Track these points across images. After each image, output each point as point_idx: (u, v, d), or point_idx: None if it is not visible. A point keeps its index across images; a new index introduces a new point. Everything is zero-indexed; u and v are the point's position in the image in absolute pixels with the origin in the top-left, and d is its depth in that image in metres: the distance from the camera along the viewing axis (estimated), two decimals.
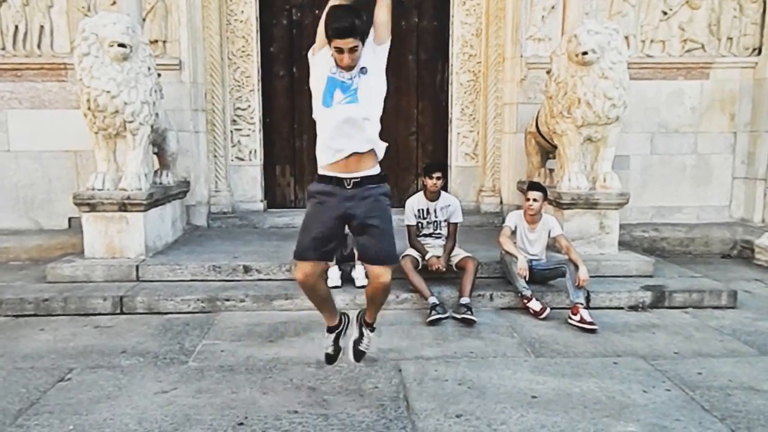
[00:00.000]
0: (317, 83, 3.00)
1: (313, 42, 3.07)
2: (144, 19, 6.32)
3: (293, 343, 4.10)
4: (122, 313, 4.70)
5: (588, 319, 4.38)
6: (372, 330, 3.44)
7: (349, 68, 2.89)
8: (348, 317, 3.45)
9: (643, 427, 2.96)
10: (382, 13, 2.96)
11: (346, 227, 3.09)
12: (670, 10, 6.86)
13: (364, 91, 2.91)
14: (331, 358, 3.38)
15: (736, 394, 3.33)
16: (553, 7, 6.57)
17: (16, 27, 6.53)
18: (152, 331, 4.33)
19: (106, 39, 4.99)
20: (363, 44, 2.87)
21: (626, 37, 6.70)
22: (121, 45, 5.00)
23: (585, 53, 5.16)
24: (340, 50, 2.81)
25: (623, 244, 6.10)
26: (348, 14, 2.79)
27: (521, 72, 6.73)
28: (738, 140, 7.09)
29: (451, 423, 2.99)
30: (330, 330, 3.35)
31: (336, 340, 3.36)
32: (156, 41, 6.53)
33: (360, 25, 2.80)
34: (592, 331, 4.31)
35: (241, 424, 2.97)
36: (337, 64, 2.90)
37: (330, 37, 2.82)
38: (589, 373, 3.61)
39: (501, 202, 7.24)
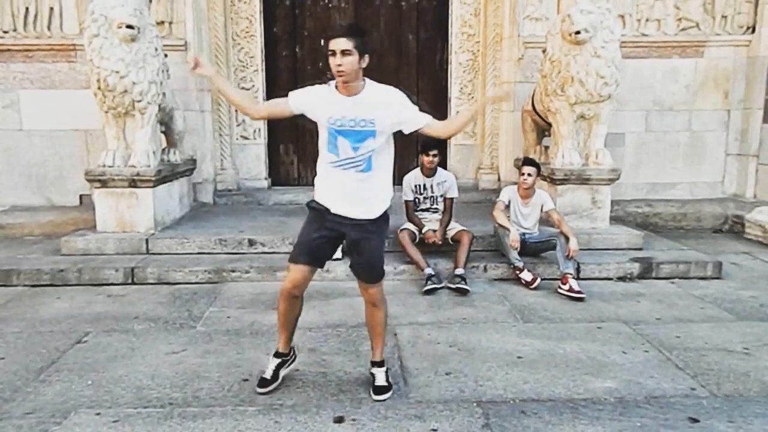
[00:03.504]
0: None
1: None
2: (151, 1, 6.50)
3: None
4: (133, 283, 4.95)
5: (576, 288, 4.60)
6: (381, 366, 3.13)
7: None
8: (295, 355, 3.28)
9: (619, 383, 3.18)
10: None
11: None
12: None
13: None
14: (265, 383, 3.09)
15: (710, 355, 3.55)
16: None
17: (27, 9, 6.72)
18: (162, 299, 4.58)
19: (115, 21, 5.18)
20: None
21: (622, 16, 6.85)
22: (129, 26, 5.19)
23: (578, 32, 5.30)
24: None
25: (617, 220, 6.31)
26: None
27: (519, 51, 6.87)
28: (731, 117, 7.24)
29: (440, 380, 3.22)
30: (277, 355, 3.16)
31: (278, 367, 3.14)
32: (162, 22, 6.69)
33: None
34: (580, 299, 4.53)
35: (246, 380, 3.21)
36: None
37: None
38: (573, 337, 3.83)
39: (499, 179, 7.42)
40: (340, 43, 2.72)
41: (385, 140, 2.91)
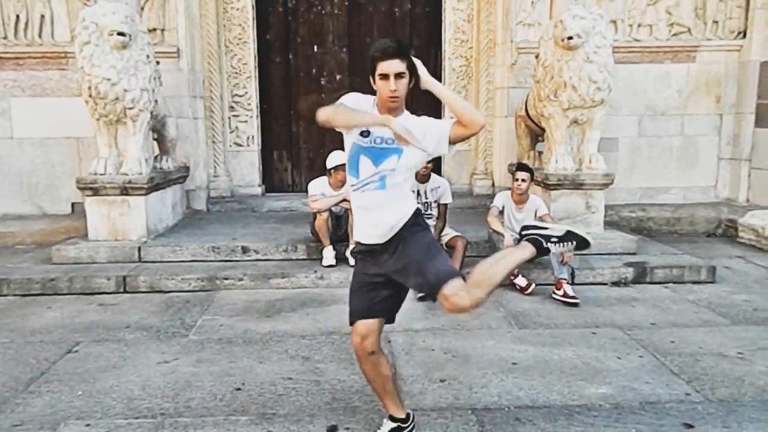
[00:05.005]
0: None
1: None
2: (142, 8, 6.49)
3: (289, 318, 4.30)
4: (125, 291, 4.91)
5: (571, 293, 4.58)
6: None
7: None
8: (415, 423, 2.70)
9: (614, 389, 3.17)
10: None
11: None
12: None
13: None
14: None
15: (705, 359, 3.54)
16: None
17: (17, 16, 6.71)
18: (154, 308, 4.54)
19: (106, 28, 5.16)
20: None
21: (614, 22, 6.90)
22: (121, 34, 5.17)
23: (570, 38, 5.31)
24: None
25: (612, 224, 6.30)
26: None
27: (512, 57, 6.89)
28: (723, 122, 7.27)
29: (435, 387, 3.20)
30: (392, 419, 2.65)
31: None
32: (154, 29, 6.69)
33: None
34: (575, 304, 4.52)
35: (239, 389, 3.18)
36: None
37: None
38: (568, 342, 3.81)
39: (493, 185, 7.43)
40: (394, 66, 2.37)
41: (408, 167, 2.47)
